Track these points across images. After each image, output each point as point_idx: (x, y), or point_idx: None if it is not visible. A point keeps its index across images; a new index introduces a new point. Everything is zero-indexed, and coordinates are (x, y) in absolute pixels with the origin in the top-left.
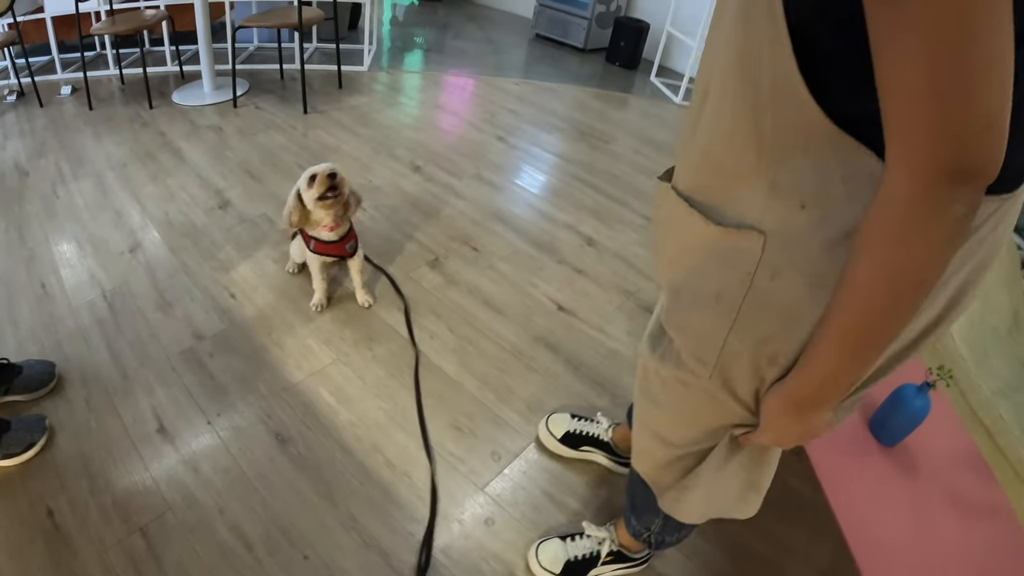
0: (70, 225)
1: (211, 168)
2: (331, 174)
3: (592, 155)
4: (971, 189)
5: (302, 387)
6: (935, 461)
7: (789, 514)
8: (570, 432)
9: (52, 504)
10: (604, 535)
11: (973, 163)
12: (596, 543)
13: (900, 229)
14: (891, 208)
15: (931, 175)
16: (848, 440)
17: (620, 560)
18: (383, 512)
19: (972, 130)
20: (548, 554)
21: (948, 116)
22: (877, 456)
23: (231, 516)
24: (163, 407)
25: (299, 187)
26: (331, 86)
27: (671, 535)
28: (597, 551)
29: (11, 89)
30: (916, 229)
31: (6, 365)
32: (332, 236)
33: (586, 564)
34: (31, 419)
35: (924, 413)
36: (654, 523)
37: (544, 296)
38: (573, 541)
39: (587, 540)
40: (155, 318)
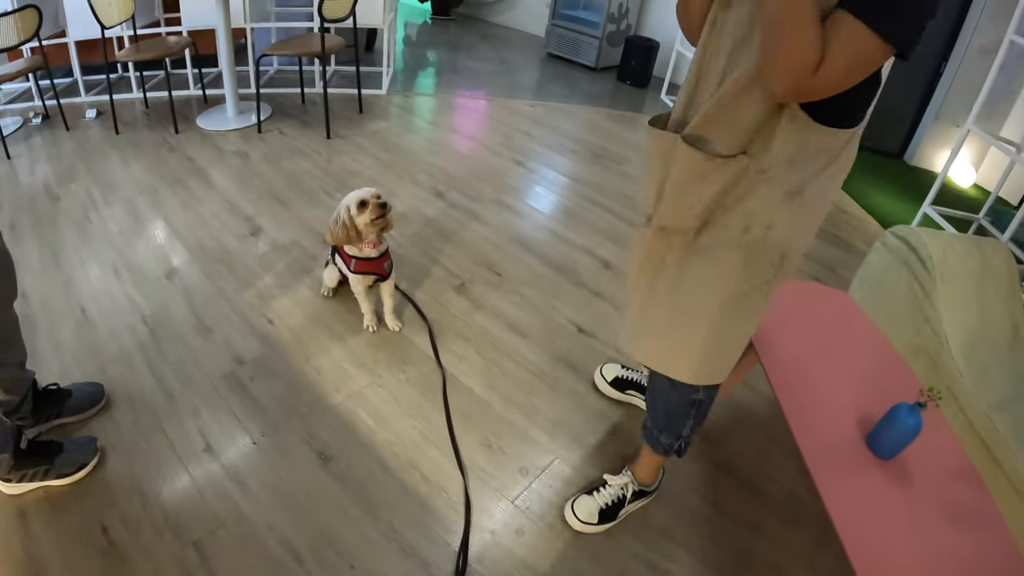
0: (105, 250)
1: (240, 194)
2: (384, 203)
3: (606, 177)
4: (792, 88)
5: (341, 408)
6: (930, 473)
7: (795, 522)
8: (619, 378)
9: (106, 521)
10: (625, 480)
11: (804, 86)
12: (619, 488)
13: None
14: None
15: (787, 81)
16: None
17: (641, 496)
18: (421, 524)
19: (822, 80)
20: (583, 509)
21: (828, 74)
22: (873, 469)
23: (280, 530)
24: (209, 428)
25: (348, 207)
26: (352, 110)
27: (692, 437)
28: (622, 495)
29: (36, 112)
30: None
31: (57, 390)
32: (374, 253)
33: (616, 507)
34: (83, 440)
35: (916, 430)
36: (686, 426)
37: (564, 319)
38: (599, 492)
39: (611, 488)
40: (196, 342)
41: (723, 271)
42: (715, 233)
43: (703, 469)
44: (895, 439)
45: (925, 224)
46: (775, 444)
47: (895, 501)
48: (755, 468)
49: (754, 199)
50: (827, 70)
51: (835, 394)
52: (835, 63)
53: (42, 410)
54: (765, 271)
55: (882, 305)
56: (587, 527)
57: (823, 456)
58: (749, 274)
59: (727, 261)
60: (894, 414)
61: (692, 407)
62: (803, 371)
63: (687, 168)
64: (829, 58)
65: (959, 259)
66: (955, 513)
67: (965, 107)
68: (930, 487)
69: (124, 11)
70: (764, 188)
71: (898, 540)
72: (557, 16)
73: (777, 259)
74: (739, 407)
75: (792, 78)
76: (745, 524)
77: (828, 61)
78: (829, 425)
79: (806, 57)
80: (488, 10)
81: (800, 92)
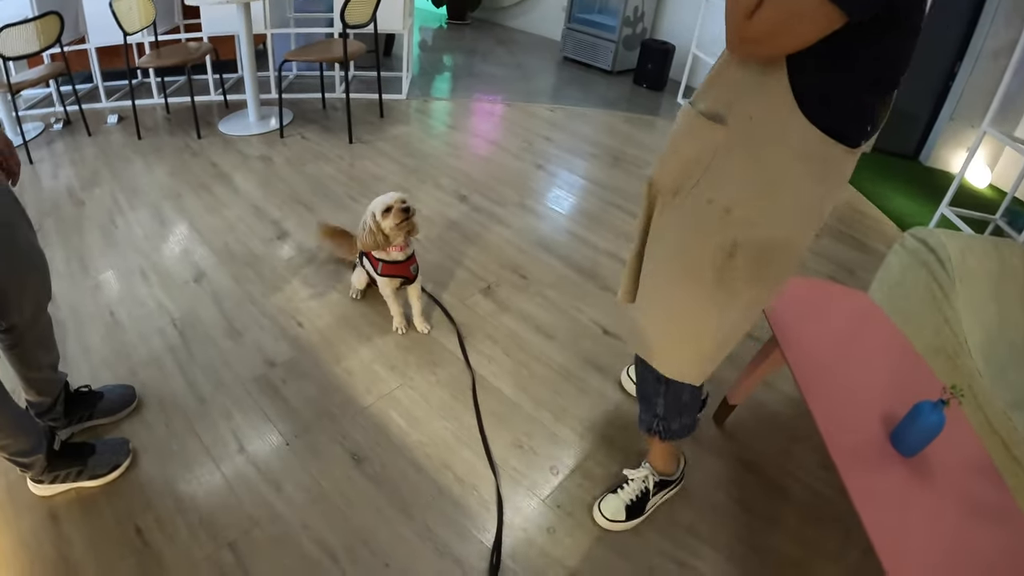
0: (132, 255)
1: (265, 199)
2: (407, 207)
3: (627, 181)
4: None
5: (373, 410)
6: (952, 470)
7: (819, 519)
8: None
9: (140, 522)
10: (644, 472)
11: (745, 48)
12: (641, 482)
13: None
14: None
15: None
16: (871, 452)
17: (664, 486)
18: (454, 523)
19: (754, 33)
20: (610, 507)
21: (762, 26)
22: (898, 466)
23: (314, 530)
24: (242, 430)
25: (375, 214)
26: (373, 115)
27: (674, 420)
28: (645, 488)
29: (57, 117)
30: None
31: (89, 392)
32: (401, 256)
33: (641, 502)
34: (115, 442)
35: (939, 427)
36: (658, 404)
37: (590, 320)
38: (623, 489)
39: (633, 483)
40: (226, 345)
41: (681, 238)
42: (685, 196)
43: (729, 467)
44: (918, 436)
45: (942, 225)
46: (798, 442)
47: (919, 498)
48: (779, 466)
49: (723, 173)
50: (760, 15)
51: (859, 392)
52: (767, 9)
53: (74, 412)
54: (714, 255)
55: (901, 306)
56: (616, 525)
57: (850, 455)
58: (699, 249)
59: (684, 226)
60: (917, 412)
61: (660, 384)
62: (827, 370)
63: (679, 122)
64: (764, 4)
65: (977, 260)
66: (977, 510)
67: (980, 108)
68: (952, 484)
69: (145, 17)
70: (735, 164)
71: (923, 537)
72: (573, 20)
73: (728, 246)
74: (763, 407)
75: (731, 22)
76: (770, 521)
77: (762, 6)
78: (854, 423)
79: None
80: (504, 14)
81: (740, 39)
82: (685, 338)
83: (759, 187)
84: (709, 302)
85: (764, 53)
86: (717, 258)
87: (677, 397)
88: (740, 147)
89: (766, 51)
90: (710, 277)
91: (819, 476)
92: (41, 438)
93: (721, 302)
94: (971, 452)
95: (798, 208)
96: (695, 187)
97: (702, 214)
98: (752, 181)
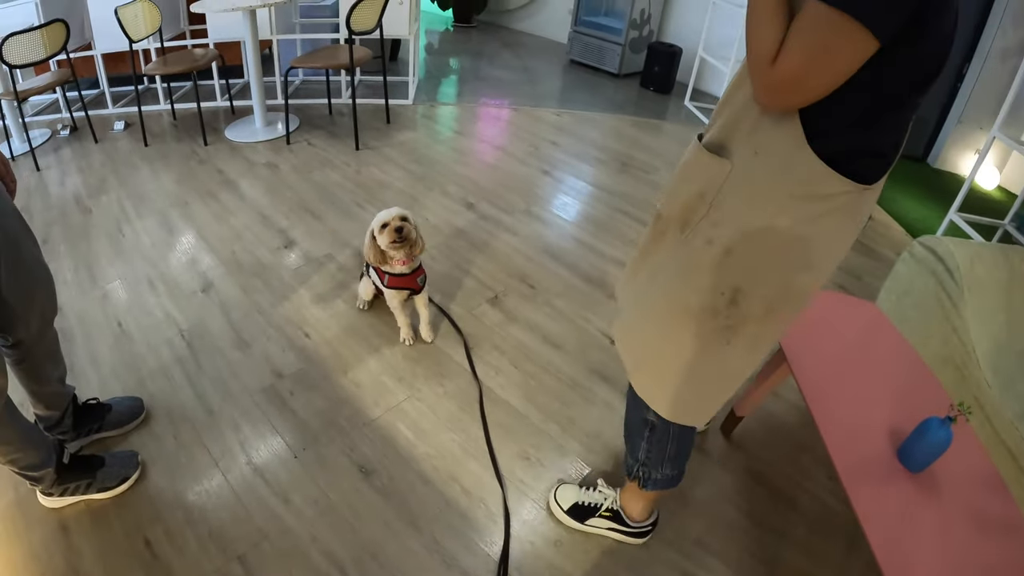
0: (140, 264)
1: (272, 207)
2: (399, 227)
3: (635, 187)
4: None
5: (381, 422)
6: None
7: (826, 530)
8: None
9: (149, 535)
10: (610, 493)
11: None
12: (603, 497)
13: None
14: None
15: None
16: (878, 467)
17: (616, 520)
18: (462, 536)
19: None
20: (564, 492)
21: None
22: (905, 481)
23: (323, 543)
24: (250, 441)
25: (373, 229)
26: (379, 121)
27: (656, 469)
28: (599, 504)
29: (64, 124)
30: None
31: (97, 404)
32: (405, 269)
33: (588, 510)
34: (124, 455)
35: (947, 443)
36: (640, 447)
37: (597, 331)
38: (587, 490)
39: (597, 493)
40: (234, 356)
41: (682, 276)
42: (689, 233)
43: (736, 479)
44: (926, 452)
45: (951, 231)
46: (806, 452)
47: (926, 514)
48: (787, 477)
49: (724, 211)
50: (784, 58)
51: (866, 406)
52: (791, 50)
53: (82, 425)
54: (714, 300)
55: (910, 315)
56: (557, 511)
57: (856, 470)
58: (698, 294)
59: (681, 266)
60: (925, 428)
61: (645, 427)
62: (834, 383)
63: (686, 154)
64: (786, 46)
65: (986, 269)
66: (984, 525)
67: (988, 110)
68: (960, 500)
69: (151, 24)
70: (735, 202)
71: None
72: (580, 23)
73: (728, 291)
74: (771, 417)
75: (755, 72)
76: (777, 533)
77: (785, 48)
78: (861, 438)
79: (761, 47)
80: (510, 17)
81: (768, 88)
82: (667, 374)
83: (761, 230)
84: (712, 353)
85: (796, 101)
86: (718, 303)
87: (663, 444)
88: (744, 184)
89: (798, 98)
90: (708, 324)
91: (826, 486)
92: (51, 452)
93: (717, 346)
94: (979, 467)
95: (806, 255)
96: (701, 222)
97: (701, 255)
98: (753, 223)
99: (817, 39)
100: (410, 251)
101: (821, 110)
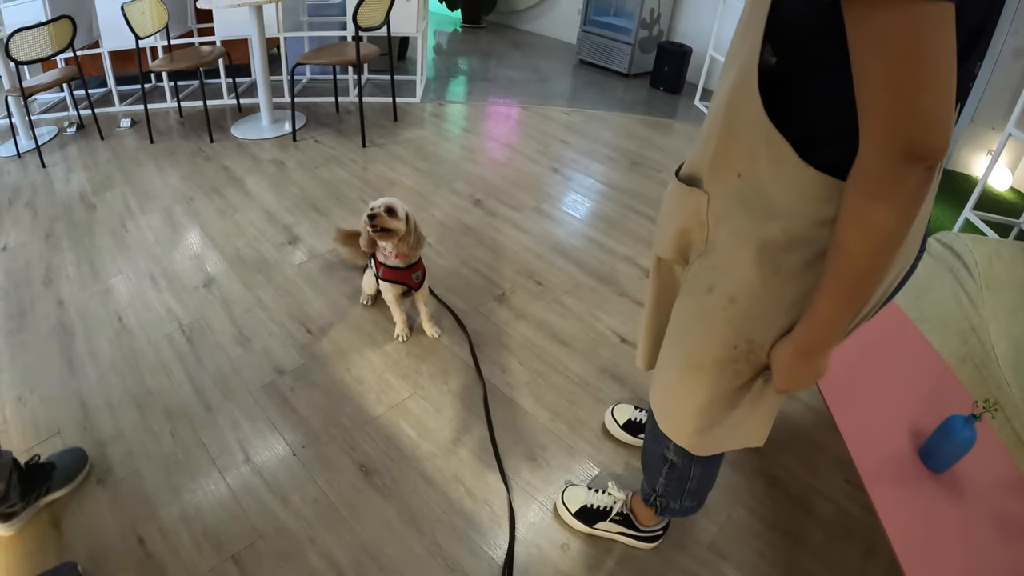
0: (142, 259)
1: (277, 203)
2: (372, 214)
3: (645, 185)
4: (922, 166)
5: (383, 420)
6: (982, 487)
7: (843, 535)
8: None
9: (143, 532)
10: (621, 496)
11: (921, 146)
12: (612, 500)
13: (870, 194)
14: (864, 177)
15: (894, 153)
16: (899, 467)
17: (627, 524)
18: (466, 538)
19: (920, 121)
20: (572, 494)
21: (913, 110)
22: (927, 482)
23: (321, 544)
24: (249, 440)
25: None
26: (386, 119)
27: (675, 500)
28: (610, 507)
29: (71, 121)
30: (881, 194)
31: (39, 464)
32: (399, 263)
33: (597, 514)
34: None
35: (971, 443)
36: (658, 481)
37: (607, 329)
38: (595, 493)
39: (607, 496)
40: (235, 352)
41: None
42: (690, 278)
43: (750, 482)
44: (949, 452)
45: (966, 229)
46: (822, 454)
47: (950, 516)
48: (802, 480)
49: (718, 252)
50: (931, 116)
51: (886, 405)
52: (928, 99)
53: (30, 490)
54: (731, 352)
55: (927, 314)
56: (564, 512)
57: (878, 471)
58: (711, 348)
59: (694, 318)
60: (948, 427)
61: (664, 463)
62: (854, 382)
63: (667, 192)
64: (919, 95)
65: (1005, 266)
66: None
67: (1001, 110)
68: (984, 501)
69: (158, 21)
70: (729, 242)
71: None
72: (589, 23)
73: (742, 343)
74: (785, 419)
75: (899, 142)
76: (793, 537)
77: (920, 98)
78: (882, 438)
79: (883, 222)
80: (519, 17)
81: (924, 155)
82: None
83: (770, 273)
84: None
85: (944, 139)
86: (735, 355)
87: (683, 481)
88: (731, 216)
89: (947, 139)
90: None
91: (843, 490)
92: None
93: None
94: (1002, 468)
95: None
96: (697, 265)
97: (706, 305)
98: (748, 261)
99: (910, 60)
100: (399, 244)
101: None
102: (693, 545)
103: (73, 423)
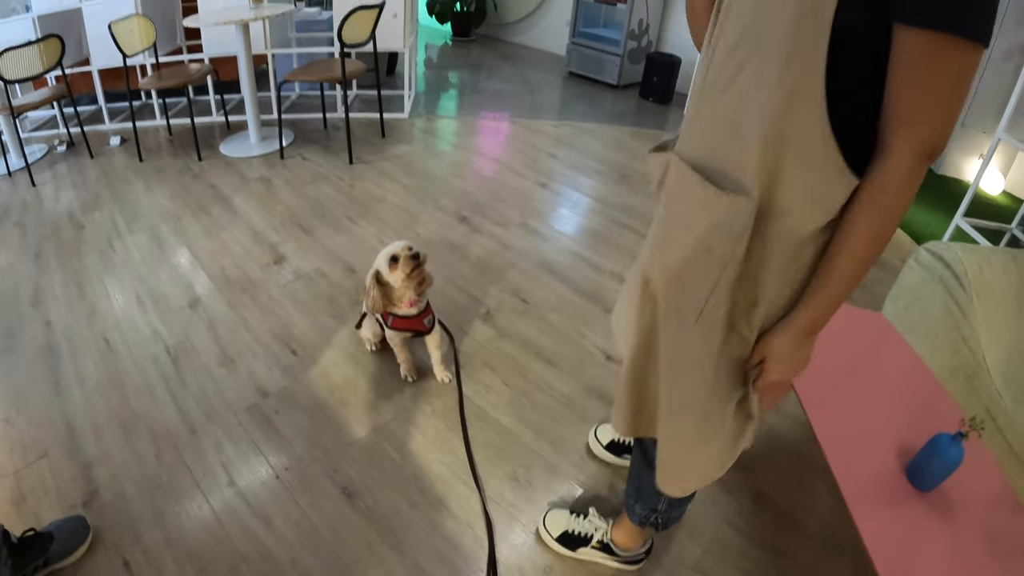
0: (129, 280)
1: (263, 221)
2: (415, 254)
3: (634, 198)
4: (930, 164)
5: (366, 442)
6: (971, 503)
7: (832, 551)
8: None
9: (128, 555)
10: (602, 525)
11: (939, 150)
12: (593, 528)
13: (898, 189)
14: (895, 175)
15: (924, 154)
16: (885, 486)
17: (607, 551)
18: (448, 562)
19: (948, 131)
20: (554, 519)
21: (947, 122)
22: (914, 501)
23: (304, 567)
24: (232, 462)
25: (378, 270)
26: (374, 135)
27: (675, 510)
28: (590, 534)
29: (61, 139)
30: (906, 188)
31: (35, 536)
32: (413, 311)
33: (578, 540)
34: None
35: (958, 461)
36: (660, 503)
37: (593, 347)
38: (578, 517)
39: (587, 523)
40: (219, 374)
41: (711, 388)
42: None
43: (737, 500)
44: (936, 471)
45: (957, 236)
46: (809, 468)
47: (937, 535)
48: (790, 496)
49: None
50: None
51: (872, 422)
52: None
53: (24, 564)
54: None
55: (917, 325)
56: (546, 536)
57: (862, 490)
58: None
59: (714, 376)
60: (935, 445)
61: (659, 498)
62: (839, 398)
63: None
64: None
65: (995, 275)
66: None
67: (991, 113)
68: (972, 519)
69: (145, 39)
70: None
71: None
72: (578, 35)
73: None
74: (773, 434)
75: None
76: (781, 555)
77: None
78: (867, 456)
79: None
80: (508, 30)
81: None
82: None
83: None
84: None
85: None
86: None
87: (683, 501)
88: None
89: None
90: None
91: (831, 505)
92: None
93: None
94: (992, 484)
95: None
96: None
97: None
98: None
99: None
100: (420, 286)
101: None
102: (677, 566)
103: (59, 445)
